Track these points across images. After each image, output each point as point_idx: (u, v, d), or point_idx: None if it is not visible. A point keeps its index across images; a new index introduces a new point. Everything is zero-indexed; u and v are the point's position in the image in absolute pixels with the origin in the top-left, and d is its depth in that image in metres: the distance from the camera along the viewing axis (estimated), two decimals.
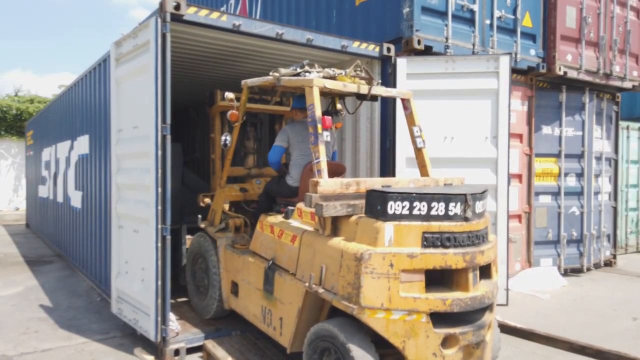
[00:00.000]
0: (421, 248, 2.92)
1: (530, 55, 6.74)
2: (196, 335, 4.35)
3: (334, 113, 4.43)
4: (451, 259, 2.93)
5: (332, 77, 3.71)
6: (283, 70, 3.80)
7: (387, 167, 5.45)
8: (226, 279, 4.53)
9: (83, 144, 6.49)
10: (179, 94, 7.93)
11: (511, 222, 6.28)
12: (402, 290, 2.87)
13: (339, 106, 4.48)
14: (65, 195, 7.74)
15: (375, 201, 3.01)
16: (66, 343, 4.51)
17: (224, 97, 4.63)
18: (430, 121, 5.28)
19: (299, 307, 3.42)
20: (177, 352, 4.05)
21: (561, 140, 7.35)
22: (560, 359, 4.31)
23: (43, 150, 10.02)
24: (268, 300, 3.83)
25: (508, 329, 4.82)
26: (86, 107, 6.38)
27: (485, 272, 3.26)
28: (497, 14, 6.34)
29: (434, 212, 2.98)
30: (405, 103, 4.08)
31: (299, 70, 3.74)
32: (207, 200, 5.16)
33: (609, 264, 8.23)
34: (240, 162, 5.56)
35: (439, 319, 2.92)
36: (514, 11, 6.54)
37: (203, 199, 5.19)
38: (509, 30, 6.54)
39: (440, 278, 3.06)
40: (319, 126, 3.37)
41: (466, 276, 2.99)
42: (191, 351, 4.22)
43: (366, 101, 4.12)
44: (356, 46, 5.24)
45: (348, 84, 3.73)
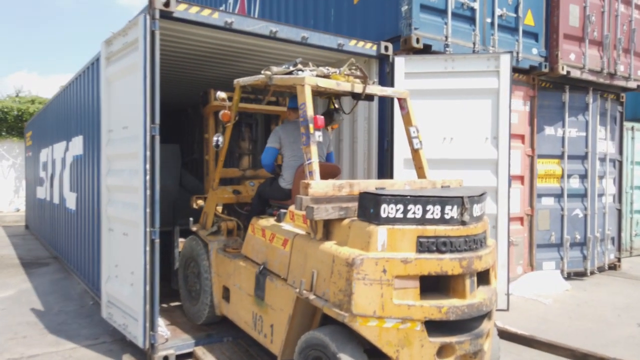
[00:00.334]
0: (416, 253, 2.80)
1: (533, 54, 6.60)
2: (186, 342, 4.22)
3: (334, 111, 4.30)
4: (447, 264, 2.81)
5: (325, 76, 3.59)
6: (275, 69, 3.69)
7: (385, 168, 5.32)
8: (218, 283, 4.41)
9: (77, 145, 6.39)
10: (177, 94, 7.84)
11: (513, 224, 6.16)
12: (395, 297, 2.74)
13: (337, 106, 4.37)
14: (61, 196, 7.64)
15: (368, 204, 2.89)
16: (54, 349, 4.40)
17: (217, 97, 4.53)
18: (429, 121, 5.17)
19: (289, 314, 3.30)
20: (165, 359, 3.94)
21: (564, 141, 7.20)
22: None
23: (41, 151, 9.94)
24: (259, 307, 3.71)
25: (509, 335, 4.69)
26: (80, 107, 6.28)
27: (484, 278, 3.13)
28: (498, 12, 6.21)
29: (429, 216, 2.86)
30: (401, 103, 3.97)
31: (291, 68, 3.64)
32: (200, 202, 5.03)
33: (613, 267, 8.07)
34: (235, 163, 5.45)
35: (434, 327, 2.79)
36: (515, 9, 6.40)
37: (196, 201, 5.07)
38: (511, 29, 6.41)
39: (436, 285, 2.93)
40: (310, 126, 3.24)
41: (463, 283, 2.87)
42: (181, 358, 4.10)
43: (362, 101, 4.01)
44: (353, 44, 5.12)
45: (342, 82, 3.61)
